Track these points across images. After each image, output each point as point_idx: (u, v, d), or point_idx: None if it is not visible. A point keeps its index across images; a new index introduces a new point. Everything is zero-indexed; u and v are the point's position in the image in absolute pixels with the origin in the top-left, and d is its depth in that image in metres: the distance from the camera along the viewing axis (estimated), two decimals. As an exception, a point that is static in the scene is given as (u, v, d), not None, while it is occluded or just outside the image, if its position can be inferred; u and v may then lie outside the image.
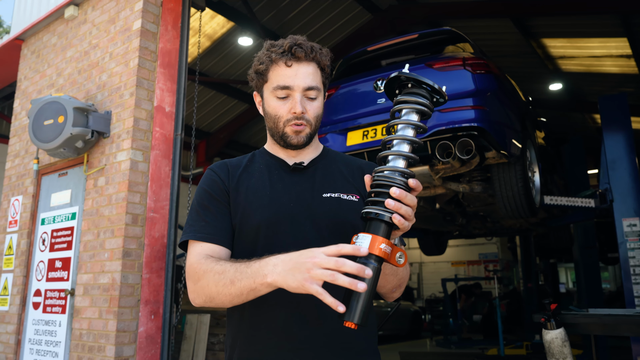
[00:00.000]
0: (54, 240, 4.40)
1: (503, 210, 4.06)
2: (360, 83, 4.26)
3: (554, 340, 2.66)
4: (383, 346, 10.74)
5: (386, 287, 1.37)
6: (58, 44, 4.96)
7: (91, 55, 4.53)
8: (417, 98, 1.17)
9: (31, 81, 5.20)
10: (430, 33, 4.45)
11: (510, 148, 3.80)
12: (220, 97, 10.35)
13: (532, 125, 4.65)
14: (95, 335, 3.80)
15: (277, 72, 1.37)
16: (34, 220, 4.67)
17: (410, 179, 1.12)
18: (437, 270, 16.89)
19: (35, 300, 4.42)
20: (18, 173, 5.00)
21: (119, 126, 4.08)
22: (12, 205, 4.94)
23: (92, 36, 4.58)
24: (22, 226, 4.75)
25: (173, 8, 4.41)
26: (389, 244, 1.09)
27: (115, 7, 4.42)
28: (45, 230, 4.52)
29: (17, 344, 4.46)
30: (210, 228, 1.34)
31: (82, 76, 4.56)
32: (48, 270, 4.37)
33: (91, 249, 4.01)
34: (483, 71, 3.84)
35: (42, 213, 4.61)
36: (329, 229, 1.35)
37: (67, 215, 4.36)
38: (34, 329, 4.35)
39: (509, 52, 9.32)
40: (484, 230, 6.62)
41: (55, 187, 4.57)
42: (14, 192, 4.99)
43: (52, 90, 4.84)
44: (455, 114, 3.72)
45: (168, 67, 4.29)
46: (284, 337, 1.27)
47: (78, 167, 4.37)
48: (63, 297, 4.16)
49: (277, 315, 1.29)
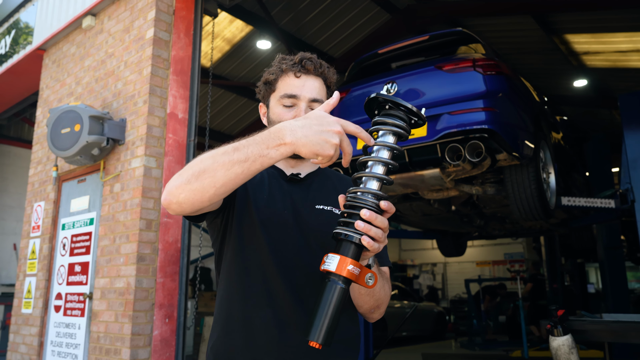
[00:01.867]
0: (73, 245, 4.53)
1: (516, 213, 4.00)
2: (370, 86, 4.25)
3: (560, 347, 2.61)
4: (406, 347, 10.68)
5: (363, 307, 1.38)
6: (77, 53, 5.09)
7: (107, 64, 4.64)
8: (393, 120, 1.17)
9: (52, 90, 5.35)
10: (441, 34, 4.40)
11: (522, 149, 3.74)
12: (240, 100, 10.45)
13: (547, 126, 4.56)
14: (112, 338, 3.89)
15: (286, 82, 1.44)
16: (55, 226, 4.80)
17: (382, 200, 1.13)
18: (462, 270, 16.69)
19: (57, 303, 4.55)
20: (40, 180, 5.16)
21: (133, 133, 4.16)
22: (35, 211, 5.09)
23: (108, 45, 4.69)
24: (44, 231, 4.90)
25: (185, 16, 4.48)
26: (357, 266, 1.09)
27: (130, 16, 4.52)
28: (65, 235, 4.65)
29: (40, 345, 4.60)
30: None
31: (99, 84, 4.67)
32: (68, 274, 4.50)
33: (108, 254, 4.11)
34: (494, 72, 3.79)
35: (63, 218, 4.75)
36: (317, 240, 1.37)
37: (85, 220, 4.48)
38: (55, 332, 4.49)
39: (531, 49, 9.15)
40: (504, 231, 6.52)
41: (74, 193, 4.70)
42: (36, 198, 5.15)
43: (72, 98, 4.98)
44: (465, 116, 3.68)
45: (181, 74, 4.36)
46: (264, 339, 1.30)
47: (95, 173, 4.48)
48: (82, 301, 4.28)
49: (259, 316, 1.31)
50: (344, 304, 1.12)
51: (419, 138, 3.81)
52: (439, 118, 3.76)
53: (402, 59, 4.47)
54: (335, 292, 1.08)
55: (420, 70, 4.01)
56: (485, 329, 10.43)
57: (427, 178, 3.97)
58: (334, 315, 1.07)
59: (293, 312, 1.30)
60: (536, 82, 10.20)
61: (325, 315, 1.07)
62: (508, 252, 15.53)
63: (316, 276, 1.31)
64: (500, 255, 16.03)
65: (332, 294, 1.08)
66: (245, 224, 1.38)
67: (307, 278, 1.33)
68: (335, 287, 1.08)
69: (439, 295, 17.14)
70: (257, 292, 1.33)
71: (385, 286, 1.42)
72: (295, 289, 1.33)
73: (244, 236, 1.38)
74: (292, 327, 1.30)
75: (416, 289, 16.00)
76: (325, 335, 1.06)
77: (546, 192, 4.06)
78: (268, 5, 7.78)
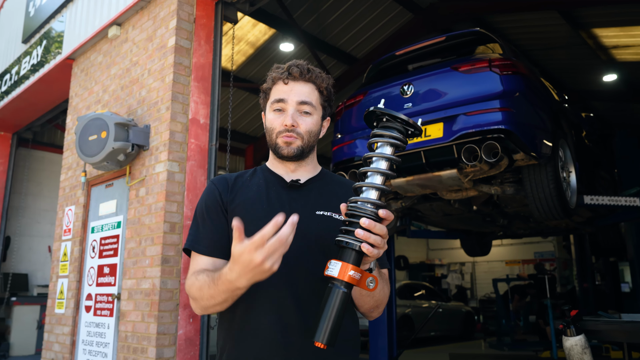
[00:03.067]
0: (102, 248, 4.70)
1: (536, 212, 3.97)
2: (387, 88, 4.28)
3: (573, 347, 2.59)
4: (434, 347, 10.63)
5: (364, 307, 1.45)
6: (103, 62, 5.28)
7: (132, 72, 4.80)
8: (390, 132, 1.24)
9: (81, 98, 5.55)
10: (458, 35, 4.40)
11: (540, 149, 3.71)
12: (265, 102, 10.57)
13: (568, 124, 4.50)
14: (139, 338, 4.03)
15: (276, 89, 1.50)
16: (85, 229, 4.99)
17: (380, 209, 1.20)
18: (491, 269, 16.47)
19: (87, 303, 4.73)
20: (71, 184, 5.37)
21: (157, 139, 4.30)
22: (66, 215, 5.30)
23: (132, 54, 4.85)
24: (75, 234, 5.09)
25: (205, 24, 4.59)
26: (358, 271, 1.18)
27: (152, 25, 4.66)
28: (94, 238, 4.83)
29: (72, 344, 4.80)
30: (205, 240, 1.45)
31: (125, 92, 4.83)
32: (97, 276, 4.67)
33: (134, 256, 4.25)
34: (510, 72, 3.77)
35: (92, 222, 4.93)
36: (318, 245, 1.42)
37: (113, 223, 4.64)
38: (86, 331, 4.67)
39: (558, 45, 8.99)
40: (528, 230, 6.44)
41: (102, 198, 4.87)
42: (67, 202, 5.36)
43: (99, 106, 5.16)
44: (482, 117, 3.68)
45: (202, 80, 4.48)
46: (268, 344, 1.36)
47: (122, 178, 4.64)
48: (111, 301, 4.44)
49: (262, 322, 1.37)
50: (347, 306, 1.19)
51: (435, 139, 3.82)
52: (455, 119, 3.77)
53: (419, 60, 4.48)
54: (338, 296, 1.16)
55: (436, 71, 4.02)
56: (514, 329, 10.28)
57: (445, 179, 3.98)
58: (337, 317, 1.15)
59: (296, 316, 1.36)
60: (565, 77, 10.02)
61: (329, 318, 1.15)
62: (538, 250, 15.24)
63: (318, 281, 1.37)
64: (530, 254, 15.74)
65: (335, 298, 1.16)
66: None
67: (309, 283, 1.38)
68: (338, 292, 1.17)
69: (468, 294, 16.94)
70: (261, 298, 1.39)
71: (384, 287, 1.47)
72: (298, 294, 1.38)
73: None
74: (296, 331, 1.35)
75: (444, 289, 15.87)
76: (329, 336, 1.14)
77: (566, 191, 4.01)
78: (290, 8, 7.87)
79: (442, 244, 17.57)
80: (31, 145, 8.47)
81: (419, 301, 11.27)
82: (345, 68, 9.67)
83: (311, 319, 1.29)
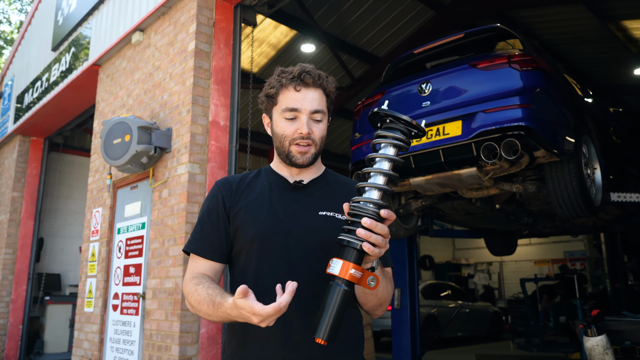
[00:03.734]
0: (127, 248, 4.82)
1: (559, 210, 3.90)
2: (405, 87, 4.27)
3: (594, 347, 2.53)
4: (461, 348, 10.52)
5: (367, 305, 1.48)
6: (128, 67, 5.41)
7: (154, 77, 4.90)
8: (393, 133, 1.26)
9: (107, 102, 5.70)
10: (477, 31, 4.36)
11: (561, 146, 3.65)
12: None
13: (592, 120, 4.40)
14: (163, 336, 4.12)
15: (287, 96, 1.50)
16: (112, 230, 5.12)
17: (382, 209, 1.22)
18: (519, 269, 16.17)
19: (114, 302, 4.86)
20: (98, 187, 5.52)
21: (178, 141, 4.39)
22: (94, 216, 5.45)
23: (155, 59, 4.96)
24: (102, 235, 5.23)
25: (225, 27, 4.66)
26: (359, 269, 1.20)
27: (173, 30, 4.75)
28: (120, 238, 4.96)
29: (101, 342, 4.93)
30: (204, 243, 1.50)
31: (148, 96, 4.94)
32: (124, 276, 4.79)
33: (158, 256, 4.35)
34: (530, 68, 3.71)
35: (118, 223, 5.06)
36: (321, 245, 1.44)
37: (138, 225, 4.75)
38: (113, 329, 4.79)
39: (586, 38, 8.78)
40: (555, 228, 6.32)
41: (128, 199, 4.99)
42: (95, 204, 5.51)
43: (124, 110, 5.29)
44: (501, 114, 3.63)
45: (221, 83, 4.55)
46: (271, 344, 1.39)
47: (146, 180, 4.75)
48: (136, 300, 4.55)
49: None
50: (348, 304, 1.21)
51: (454, 137, 3.80)
52: (474, 117, 3.73)
53: (438, 58, 4.45)
54: (338, 294, 1.19)
55: (454, 69, 3.99)
56: (543, 330, 10.08)
57: (464, 177, 3.94)
58: (337, 314, 1.18)
59: (297, 316, 1.38)
60: (594, 71, 9.78)
61: (330, 315, 1.18)
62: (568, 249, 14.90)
63: (321, 281, 1.39)
64: (560, 253, 15.41)
65: (335, 295, 1.19)
66: (249, 239, 1.46)
67: (311, 282, 1.40)
68: (338, 289, 1.19)
69: (496, 295, 16.69)
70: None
71: (388, 286, 1.48)
72: (301, 295, 1.40)
73: (250, 249, 1.46)
74: (297, 330, 1.38)
75: (471, 289, 15.66)
76: (330, 332, 1.17)
77: (590, 188, 3.93)
78: (311, 9, 7.91)
79: (468, 243, 17.34)
80: (62, 149, 8.74)
81: (445, 301, 11.17)
82: (367, 67, 9.65)
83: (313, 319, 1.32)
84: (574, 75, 9.40)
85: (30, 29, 8.56)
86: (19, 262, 7.90)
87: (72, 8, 6.74)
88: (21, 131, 8.21)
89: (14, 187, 8.05)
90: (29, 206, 8.12)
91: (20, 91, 8.29)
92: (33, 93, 7.61)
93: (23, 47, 8.77)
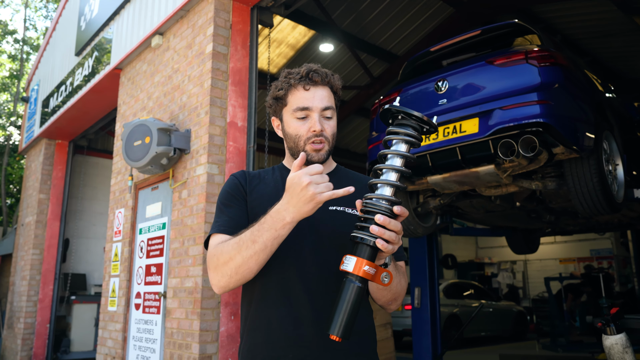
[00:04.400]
0: (149, 248, 4.90)
1: (579, 207, 3.83)
2: (422, 85, 4.25)
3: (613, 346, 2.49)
4: (484, 348, 10.41)
5: (381, 300, 1.49)
6: (148, 70, 5.50)
7: (173, 79, 4.98)
8: (405, 129, 1.26)
9: (128, 105, 5.81)
10: (494, 28, 4.31)
11: (581, 142, 3.59)
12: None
13: (614, 115, 4.32)
14: (183, 334, 4.18)
15: (296, 96, 1.52)
16: (134, 230, 5.22)
17: (395, 206, 1.23)
18: (544, 268, 15.90)
19: (136, 301, 4.95)
20: (120, 188, 5.63)
21: (197, 143, 4.45)
22: (116, 217, 5.56)
23: (173, 61, 5.03)
24: (124, 235, 5.34)
25: (242, 29, 4.71)
26: (372, 266, 1.21)
27: (191, 33, 4.82)
28: (142, 239, 5.05)
29: (124, 340, 5.03)
30: (231, 222, 1.49)
31: (167, 98, 5.02)
32: (145, 275, 4.88)
33: (178, 256, 4.42)
34: (548, 63, 3.66)
35: (140, 223, 5.15)
36: (330, 239, 1.46)
37: (158, 225, 4.83)
38: (136, 327, 4.88)
39: (610, 32, 8.60)
40: (578, 226, 6.21)
41: (149, 200, 5.08)
42: (117, 205, 5.62)
43: (144, 112, 5.38)
44: (518, 111, 3.59)
45: (239, 84, 4.59)
46: (280, 335, 1.41)
47: (166, 181, 4.83)
48: (157, 299, 4.63)
49: (276, 314, 1.42)
50: (362, 301, 1.23)
51: (470, 135, 3.77)
52: (491, 114, 3.70)
53: (455, 56, 4.42)
54: (352, 291, 1.20)
55: (471, 66, 3.96)
56: (569, 330, 9.90)
57: (482, 175, 3.91)
58: (351, 311, 1.19)
59: (308, 309, 1.40)
60: (621, 65, 9.57)
61: (344, 312, 1.19)
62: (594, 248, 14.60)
63: (330, 274, 1.41)
64: (586, 251, 15.10)
65: (349, 292, 1.20)
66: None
67: (322, 276, 1.43)
68: (352, 286, 1.20)
69: (520, 294, 16.45)
70: (275, 292, 1.44)
71: (402, 281, 1.50)
72: (311, 288, 1.42)
73: None
74: (308, 323, 1.40)
75: (495, 288, 15.47)
76: (344, 329, 1.18)
77: (612, 185, 3.86)
78: (329, 8, 7.93)
79: (491, 241, 17.13)
80: (86, 151, 8.93)
81: (467, 301, 11.06)
82: (386, 66, 9.63)
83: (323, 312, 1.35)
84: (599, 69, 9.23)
85: (54, 35, 8.77)
86: (46, 262, 8.10)
87: (94, 13, 6.89)
88: (47, 135, 8.43)
89: (41, 190, 8.26)
90: (55, 208, 8.33)
91: (46, 96, 8.51)
92: (58, 97, 7.80)
93: (48, 52, 9.00)
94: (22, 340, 7.79)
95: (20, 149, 9.76)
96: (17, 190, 18.08)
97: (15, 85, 19.07)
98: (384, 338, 5.62)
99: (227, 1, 4.66)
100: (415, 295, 6.09)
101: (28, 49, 20.04)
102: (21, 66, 18.81)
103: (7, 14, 39.45)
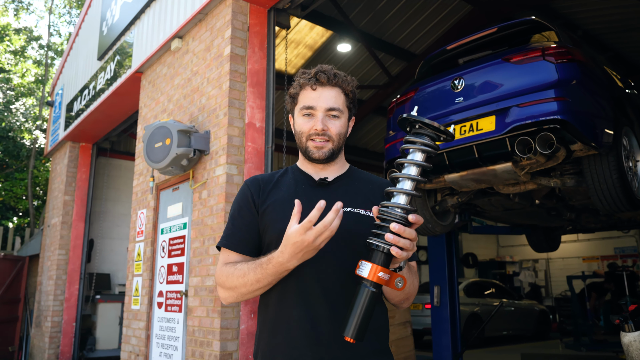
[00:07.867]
0: (170, 248, 5.00)
1: (599, 204, 3.80)
2: (438, 83, 4.25)
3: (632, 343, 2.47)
4: (505, 347, 10.33)
5: (394, 299, 1.55)
6: (168, 73, 5.61)
7: (193, 81, 5.07)
8: (422, 139, 1.31)
9: (149, 108, 5.93)
10: (511, 25, 4.29)
11: (600, 138, 3.56)
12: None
13: (635, 111, 4.27)
14: (204, 332, 4.27)
15: (304, 95, 1.59)
16: (155, 230, 5.33)
17: (410, 214, 1.27)
18: (567, 266, 15.67)
19: (159, 300, 5.05)
20: (142, 189, 5.75)
21: (216, 144, 4.53)
22: (139, 218, 5.68)
23: (193, 64, 5.13)
24: (147, 236, 5.45)
25: (259, 31, 4.77)
26: (387, 272, 1.26)
27: (210, 36, 4.90)
28: (164, 239, 5.15)
29: (147, 338, 5.14)
30: (235, 238, 1.58)
31: (187, 100, 5.12)
32: (167, 274, 4.98)
33: (198, 255, 4.50)
34: (565, 60, 3.64)
35: (161, 224, 5.26)
36: (345, 241, 1.50)
37: (179, 225, 4.93)
38: (158, 326, 4.99)
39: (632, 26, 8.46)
40: (600, 224, 6.13)
41: (170, 201, 5.18)
42: (140, 206, 5.74)
43: (165, 114, 5.49)
44: (535, 108, 3.58)
45: (257, 86, 4.66)
46: (299, 334, 1.45)
47: (186, 182, 4.92)
48: (179, 298, 4.72)
49: (294, 314, 1.47)
50: (376, 305, 1.28)
51: (487, 132, 3.76)
52: (507, 111, 3.69)
53: (471, 54, 4.42)
54: (367, 295, 1.25)
55: (487, 63, 3.95)
56: (592, 329, 9.76)
57: (500, 172, 3.90)
58: (365, 314, 1.25)
59: (324, 309, 1.45)
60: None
61: (359, 315, 1.24)
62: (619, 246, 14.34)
63: (345, 274, 1.46)
64: (610, 249, 14.84)
65: (364, 297, 1.25)
66: (276, 235, 1.52)
67: (337, 277, 1.47)
68: (367, 291, 1.26)
69: (542, 293, 16.24)
70: (292, 293, 1.48)
71: (414, 281, 1.54)
72: (326, 288, 1.47)
73: (278, 244, 1.51)
74: (324, 322, 1.44)
75: (517, 287, 15.31)
76: (358, 331, 1.24)
77: (632, 181, 3.81)
78: (346, 8, 7.96)
79: (513, 240, 16.94)
80: (109, 154, 9.12)
81: (488, 299, 10.98)
82: (404, 65, 9.62)
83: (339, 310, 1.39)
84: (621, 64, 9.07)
85: (77, 40, 8.98)
86: (72, 262, 8.30)
87: (115, 18, 7.03)
88: (71, 137, 8.63)
89: (66, 191, 8.46)
90: (79, 209, 8.52)
91: (70, 99, 8.71)
92: (81, 101, 7.99)
93: (72, 57, 9.21)
94: (49, 339, 8.00)
95: (46, 152, 10.01)
96: (43, 193, 18.52)
97: (40, 90, 19.51)
98: (404, 336, 5.64)
99: (244, 4, 4.73)
100: (434, 293, 6.09)
101: (52, 54, 20.49)
102: (46, 71, 19.24)
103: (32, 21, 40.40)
